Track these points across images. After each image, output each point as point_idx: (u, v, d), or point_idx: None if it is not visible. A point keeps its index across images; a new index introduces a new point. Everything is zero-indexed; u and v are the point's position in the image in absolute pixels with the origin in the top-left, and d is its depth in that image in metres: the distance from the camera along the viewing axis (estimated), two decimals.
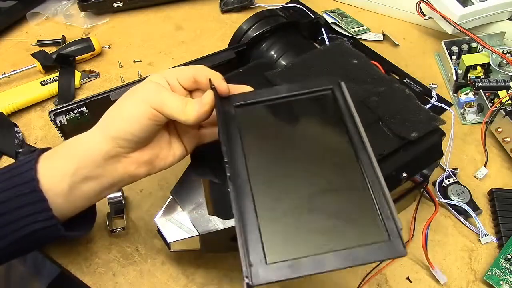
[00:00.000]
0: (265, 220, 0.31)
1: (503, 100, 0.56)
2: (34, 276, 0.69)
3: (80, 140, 0.38)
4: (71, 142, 0.38)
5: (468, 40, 0.65)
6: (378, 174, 0.32)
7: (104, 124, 0.38)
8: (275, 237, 0.31)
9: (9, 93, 0.59)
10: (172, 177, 0.42)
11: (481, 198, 0.52)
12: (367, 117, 0.44)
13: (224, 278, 0.45)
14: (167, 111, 0.37)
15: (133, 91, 0.38)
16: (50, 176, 0.36)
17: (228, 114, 0.37)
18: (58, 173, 0.36)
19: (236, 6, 0.73)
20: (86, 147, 0.37)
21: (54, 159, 0.37)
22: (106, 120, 0.38)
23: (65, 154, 0.37)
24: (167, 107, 0.37)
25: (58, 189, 0.36)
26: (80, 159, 0.37)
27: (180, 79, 0.39)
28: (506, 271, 0.45)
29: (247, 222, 0.31)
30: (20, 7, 0.70)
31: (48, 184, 0.36)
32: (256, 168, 0.34)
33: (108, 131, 0.37)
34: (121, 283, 0.44)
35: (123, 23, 0.72)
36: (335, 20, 0.70)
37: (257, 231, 0.30)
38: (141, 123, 0.36)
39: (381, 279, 0.46)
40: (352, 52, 0.51)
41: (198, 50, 0.68)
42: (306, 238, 0.31)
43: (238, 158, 0.35)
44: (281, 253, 0.30)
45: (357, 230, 0.31)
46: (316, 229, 0.31)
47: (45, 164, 0.36)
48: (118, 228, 0.47)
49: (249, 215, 0.31)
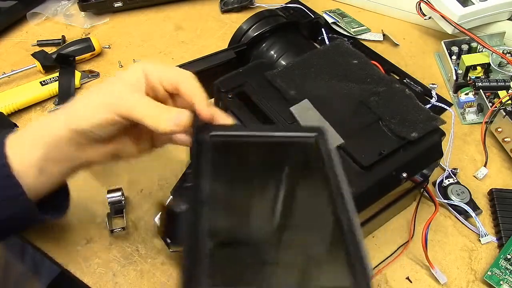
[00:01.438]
0: (217, 246, 0.27)
1: (503, 100, 0.56)
2: (34, 275, 0.69)
3: (45, 125, 0.37)
4: (37, 127, 0.37)
5: (468, 40, 0.65)
6: (353, 224, 0.28)
7: (67, 113, 0.37)
8: (223, 265, 0.27)
9: (9, 93, 0.59)
10: (172, 177, 0.42)
11: (481, 198, 0.52)
12: (367, 117, 0.44)
13: None
14: (136, 116, 0.35)
15: (100, 90, 0.36)
16: (19, 160, 0.36)
17: (202, 142, 0.34)
18: (27, 157, 0.36)
19: (236, 6, 0.73)
20: (51, 133, 0.36)
21: (21, 144, 0.37)
22: (70, 109, 0.37)
23: (32, 139, 0.37)
24: (137, 113, 0.35)
25: (29, 172, 0.36)
26: (46, 144, 0.36)
27: (163, 81, 0.37)
28: (506, 271, 0.45)
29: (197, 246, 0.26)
30: (20, 7, 0.70)
31: (19, 168, 0.35)
32: (220, 206, 0.31)
33: (70, 122, 0.36)
34: (121, 283, 0.44)
35: (123, 23, 0.72)
36: (335, 20, 0.70)
37: (205, 257, 0.26)
38: (101, 125, 0.35)
39: (381, 279, 0.46)
40: (352, 52, 0.51)
41: (198, 50, 0.68)
42: (258, 269, 0.28)
43: (203, 191, 0.30)
44: (226, 279, 0.26)
45: (318, 270, 0.28)
46: (272, 263, 0.29)
47: (14, 150, 0.36)
48: (118, 228, 0.47)
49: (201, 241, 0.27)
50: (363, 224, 0.44)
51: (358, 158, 0.41)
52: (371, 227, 0.46)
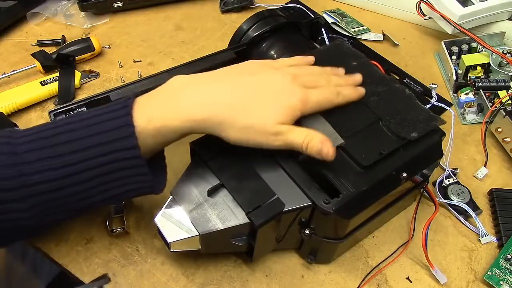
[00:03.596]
0: None
1: (503, 100, 0.56)
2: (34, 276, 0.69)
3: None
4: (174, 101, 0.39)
5: (468, 40, 0.65)
6: None
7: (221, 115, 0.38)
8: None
9: (9, 93, 0.59)
10: (172, 177, 0.42)
11: (481, 198, 0.52)
12: (367, 117, 0.44)
13: (224, 278, 0.45)
14: (290, 140, 0.39)
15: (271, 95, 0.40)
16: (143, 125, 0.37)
17: None
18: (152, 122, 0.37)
19: (236, 6, 0.73)
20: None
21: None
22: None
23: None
24: (292, 137, 0.39)
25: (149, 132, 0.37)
26: None
27: None
28: (506, 271, 0.45)
29: None
30: (20, 7, 0.70)
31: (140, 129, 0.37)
32: None
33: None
34: (121, 283, 0.44)
35: (123, 23, 0.72)
36: (335, 20, 0.70)
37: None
38: None
39: (381, 279, 0.46)
40: (352, 52, 0.51)
41: (198, 50, 0.68)
42: None
43: None
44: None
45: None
46: None
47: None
48: (118, 228, 0.47)
49: None
50: (363, 224, 0.44)
51: (358, 158, 0.41)
52: (371, 227, 0.46)
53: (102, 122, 0.37)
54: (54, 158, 0.35)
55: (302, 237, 0.42)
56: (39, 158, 0.35)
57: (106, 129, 0.36)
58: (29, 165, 0.35)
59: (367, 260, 0.47)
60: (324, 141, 0.39)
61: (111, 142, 0.36)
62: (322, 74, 0.46)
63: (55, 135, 0.36)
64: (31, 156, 0.35)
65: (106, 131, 0.36)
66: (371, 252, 0.48)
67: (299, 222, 0.42)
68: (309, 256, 0.45)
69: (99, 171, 0.36)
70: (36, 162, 0.35)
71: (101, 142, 0.36)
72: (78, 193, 0.36)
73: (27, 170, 0.35)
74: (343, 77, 0.47)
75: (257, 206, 0.39)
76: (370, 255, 0.47)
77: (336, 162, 0.41)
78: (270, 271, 0.46)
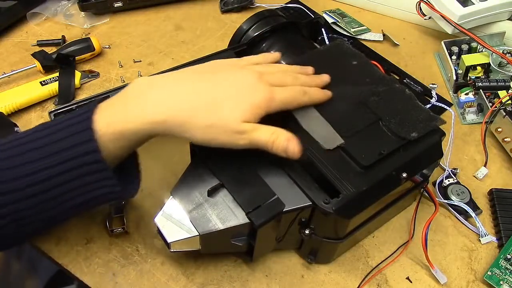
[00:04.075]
0: None
1: (503, 100, 0.56)
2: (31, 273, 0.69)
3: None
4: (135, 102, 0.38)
5: (468, 40, 0.65)
6: None
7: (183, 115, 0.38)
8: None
9: (9, 93, 0.59)
10: (172, 177, 0.42)
11: (481, 198, 0.52)
12: (367, 117, 0.44)
13: (224, 278, 0.45)
14: (255, 139, 0.38)
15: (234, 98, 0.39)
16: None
17: None
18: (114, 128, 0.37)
19: (236, 6, 0.73)
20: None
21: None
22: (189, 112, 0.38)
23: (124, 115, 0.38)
24: (257, 135, 0.38)
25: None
26: None
27: None
28: (506, 271, 0.45)
29: None
30: (20, 7, 0.70)
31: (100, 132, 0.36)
32: None
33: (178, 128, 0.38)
34: (121, 283, 0.44)
35: (123, 23, 0.72)
36: (335, 20, 0.70)
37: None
38: None
39: (381, 279, 0.46)
40: (352, 52, 0.51)
41: (198, 50, 0.68)
42: None
43: None
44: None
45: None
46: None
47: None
48: (118, 228, 0.47)
49: None
50: (363, 224, 0.44)
51: (358, 158, 0.41)
52: (371, 227, 0.46)
53: (65, 128, 0.36)
54: (20, 167, 0.35)
55: (302, 237, 0.42)
56: (9, 166, 0.35)
57: (67, 134, 0.36)
58: (2, 173, 0.35)
59: (367, 260, 0.47)
60: (290, 139, 0.39)
61: (73, 148, 0.36)
62: (289, 72, 0.45)
63: (25, 143, 0.36)
64: (3, 165, 0.35)
65: (67, 137, 0.36)
66: (371, 252, 0.48)
67: (299, 222, 0.42)
68: (309, 256, 0.45)
69: (63, 178, 0.36)
70: (7, 170, 0.35)
71: (63, 148, 0.36)
72: (47, 200, 0.36)
73: (1, 178, 0.35)
74: (311, 77, 0.46)
75: (257, 206, 0.39)
76: (370, 255, 0.47)
77: (336, 162, 0.41)
78: (270, 271, 0.46)
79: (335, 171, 0.40)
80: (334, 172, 0.40)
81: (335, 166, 0.40)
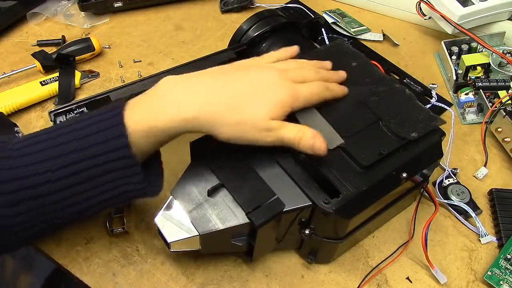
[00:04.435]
0: None
1: (503, 100, 0.56)
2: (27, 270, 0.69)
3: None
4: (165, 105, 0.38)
5: (468, 40, 0.65)
6: None
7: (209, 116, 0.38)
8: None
9: (9, 93, 0.59)
10: (172, 177, 0.42)
11: (481, 198, 0.52)
12: (367, 117, 0.44)
13: (224, 278, 0.45)
14: (282, 136, 0.39)
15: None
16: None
17: None
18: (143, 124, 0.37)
19: (236, 6, 0.73)
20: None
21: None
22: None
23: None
24: (284, 132, 0.39)
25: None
26: None
27: None
28: (506, 271, 0.45)
29: None
30: (20, 7, 0.70)
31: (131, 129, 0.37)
32: None
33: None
34: (121, 283, 0.44)
35: (123, 23, 0.72)
36: (335, 20, 0.70)
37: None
38: None
39: (381, 279, 0.46)
40: (352, 52, 0.51)
41: (198, 50, 0.68)
42: None
43: None
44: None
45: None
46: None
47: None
48: (118, 228, 0.47)
49: None
50: (363, 224, 0.44)
51: (358, 158, 0.41)
52: (371, 227, 0.46)
53: (94, 123, 0.37)
54: (46, 161, 0.35)
55: (302, 237, 0.42)
56: (34, 161, 0.35)
57: (97, 130, 0.36)
58: (25, 168, 0.35)
59: (367, 260, 0.47)
60: (316, 136, 0.39)
61: (103, 143, 0.36)
62: (310, 67, 0.45)
63: (51, 138, 0.36)
64: (26, 160, 0.35)
65: (98, 132, 0.36)
66: (371, 252, 0.48)
67: (299, 222, 0.42)
68: (309, 256, 0.45)
69: (93, 172, 0.36)
70: (31, 165, 0.35)
71: (93, 143, 0.36)
72: (75, 195, 0.36)
73: (22, 173, 0.35)
74: (330, 72, 0.47)
75: (257, 206, 0.39)
76: (370, 255, 0.47)
77: (336, 162, 0.41)
78: (270, 271, 0.46)
79: (335, 171, 0.40)
80: (334, 172, 0.40)
81: (335, 166, 0.40)
